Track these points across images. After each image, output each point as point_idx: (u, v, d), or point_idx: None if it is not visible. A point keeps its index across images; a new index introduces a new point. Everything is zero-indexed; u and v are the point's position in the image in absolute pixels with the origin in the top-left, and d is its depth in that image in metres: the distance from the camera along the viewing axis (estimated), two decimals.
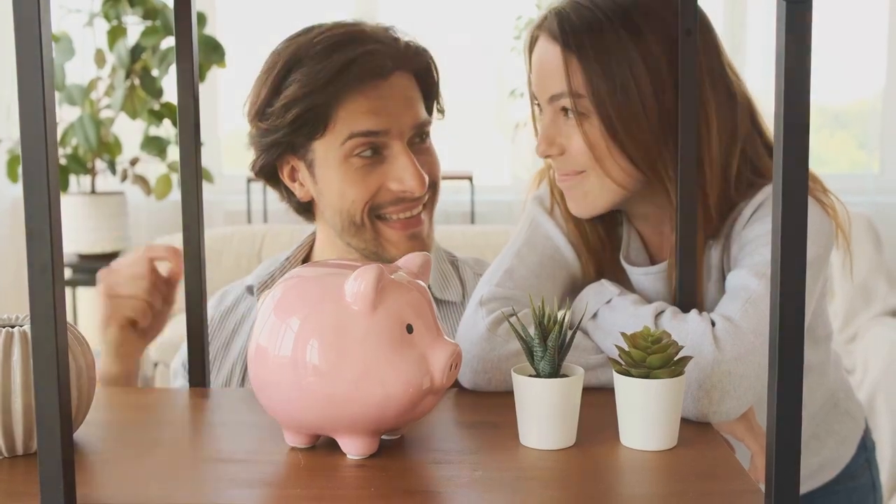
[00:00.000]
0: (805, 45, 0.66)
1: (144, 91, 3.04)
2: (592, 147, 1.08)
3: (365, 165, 1.19)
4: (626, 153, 1.08)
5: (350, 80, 1.16)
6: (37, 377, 0.68)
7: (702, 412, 0.94)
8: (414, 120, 1.21)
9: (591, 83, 1.07)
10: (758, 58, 3.52)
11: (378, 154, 1.20)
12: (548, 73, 1.10)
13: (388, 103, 1.19)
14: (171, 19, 2.99)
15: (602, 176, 1.09)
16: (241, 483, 0.78)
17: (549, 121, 1.12)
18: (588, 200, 1.12)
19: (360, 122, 1.18)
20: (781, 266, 0.67)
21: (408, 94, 1.22)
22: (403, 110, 1.20)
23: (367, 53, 1.18)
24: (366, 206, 1.20)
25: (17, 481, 0.78)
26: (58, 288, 0.67)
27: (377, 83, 1.19)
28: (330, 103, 1.17)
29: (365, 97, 1.18)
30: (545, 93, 1.11)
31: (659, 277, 1.13)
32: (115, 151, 3.16)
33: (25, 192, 0.66)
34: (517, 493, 0.76)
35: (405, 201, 1.20)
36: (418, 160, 1.21)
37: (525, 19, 3.53)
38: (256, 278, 1.32)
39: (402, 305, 0.81)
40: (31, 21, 0.65)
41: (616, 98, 1.06)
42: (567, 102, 1.09)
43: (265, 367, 0.82)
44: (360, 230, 1.22)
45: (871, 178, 3.54)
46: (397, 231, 1.22)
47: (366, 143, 1.18)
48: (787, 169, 0.67)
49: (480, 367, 1.01)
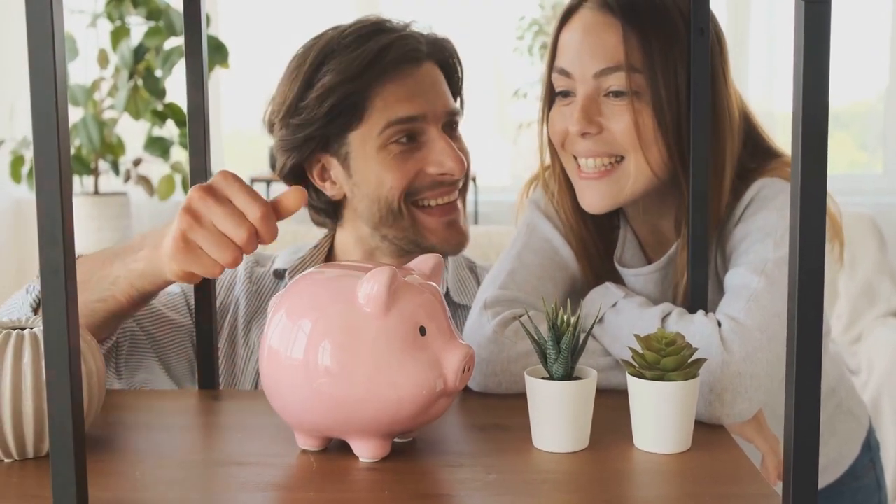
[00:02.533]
0: (824, 45, 0.65)
1: (147, 91, 3.04)
2: (641, 129, 1.05)
3: (403, 152, 1.21)
4: (667, 140, 1.06)
5: (386, 66, 1.19)
6: (49, 380, 0.67)
7: (714, 415, 0.93)
8: (446, 106, 1.24)
9: (651, 59, 1.04)
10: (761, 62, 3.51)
11: (414, 140, 1.22)
12: (598, 46, 1.07)
13: (423, 88, 1.22)
14: (174, 20, 2.99)
15: (641, 162, 1.07)
16: (253, 486, 0.78)
17: (589, 98, 1.08)
18: (618, 192, 1.09)
19: (397, 108, 1.20)
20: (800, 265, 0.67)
21: (438, 81, 1.24)
22: (437, 96, 1.23)
23: (401, 38, 1.21)
24: (403, 192, 1.21)
25: (28, 484, 0.78)
26: (70, 290, 0.66)
27: (411, 70, 1.21)
28: (366, 91, 1.20)
29: (400, 83, 1.20)
30: (592, 66, 1.07)
31: (650, 279, 1.13)
32: (119, 152, 3.15)
33: (38, 195, 0.66)
34: (531, 496, 0.76)
35: (443, 185, 1.22)
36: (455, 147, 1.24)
37: (528, 20, 3.53)
38: (287, 263, 1.32)
39: (415, 307, 0.80)
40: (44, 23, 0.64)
41: (669, 78, 1.04)
42: (620, 78, 1.05)
43: (277, 369, 0.81)
44: (397, 219, 1.23)
45: (874, 178, 3.53)
46: (435, 218, 1.23)
47: (403, 130, 1.21)
48: (806, 166, 0.66)
49: (489, 370, 1.01)
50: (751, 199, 1.07)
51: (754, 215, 1.05)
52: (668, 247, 1.14)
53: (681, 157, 1.07)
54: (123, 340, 1.17)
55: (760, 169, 1.10)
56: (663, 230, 1.17)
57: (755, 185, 1.08)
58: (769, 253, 1.00)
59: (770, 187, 1.07)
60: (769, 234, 1.02)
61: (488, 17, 3.68)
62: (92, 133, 3.01)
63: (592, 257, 1.17)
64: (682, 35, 1.05)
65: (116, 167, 3.18)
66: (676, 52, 1.05)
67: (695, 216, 1.03)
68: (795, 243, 0.67)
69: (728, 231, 1.09)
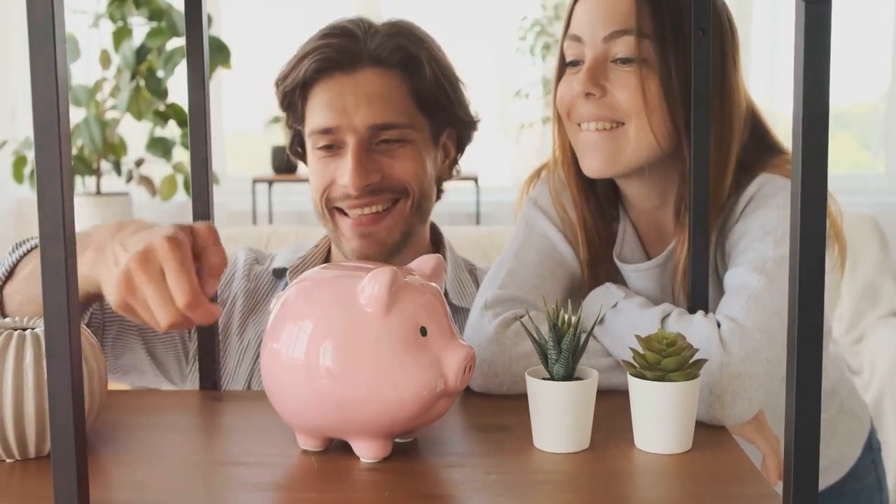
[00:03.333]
0: (824, 45, 0.65)
1: (149, 92, 3.04)
2: (646, 94, 1.05)
3: (324, 158, 1.24)
4: (672, 109, 1.06)
5: (311, 73, 1.21)
6: (50, 380, 0.68)
7: (715, 416, 0.93)
8: (371, 119, 1.20)
9: (662, 27, 1.05)
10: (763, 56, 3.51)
11: (335, 149, 1.23)
12: (610, 10, 1.07)
13: (345, 100, 1.21)
14: (176, 20, 2.99)
15: (644, 128, 1.07)
16: (254, 486, 0.78)
17: (597, 60, 1.08)
18: (617, 156, 1.09)
19: (317, 117, 1.23)
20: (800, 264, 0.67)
21: (374, 91, 1.21)
22: (361, 108, 1.20)
23: (326, 47, 1.21)
24: (322, 198, 1.25)
25: (30, 484, 0.78)
26: (71, 290, 0.67)
27: (340, 78, 1.21)
28: (300, 94, 1.24)
29: (325, 91, 1.22)
30: (603, 29, 1.07)
31: (649, 274, 1.13)
32: (121, 152, 3.16)
33: (39, 195, 0.66)
34: (532, 496, 0.76)
35: (350, 198, 1.22)
36: (382, 162, 1.22)
37: (530, 20, 3.53)
38: (287, 262, 1.32)
39: (416, 308, 0.80)
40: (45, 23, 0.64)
41: (678, 47, 1.05)
42: (628, 44, 1.06)
43: (278, 369, 0.81)
44: (324, 220, 1.27)
45: (877, 178, 3.53)
46: (350, 227, 1.24)
47: (322, 138, 1.23)
48: (807, 165, 0.66)
49: (490, 371, 1.01)
50: (751, 197, 1.07)
51: (754, 213, 1.05)
52: (667, 242, 1.14)
53: (686, 129, 1.06)
54: (112, 323, 1.18)
55: (763, 163, 1.10)
56: (663, 224, 1.17)
57: (756, 182, 1.08)
58: (769, 251, 1.00)
59: (771, 185, 1.07)
60: (769, 232, 1.02)
61: (490, 18, 3.69)
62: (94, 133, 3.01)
63: (592, 252, 1.16)
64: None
65: (118, 167, 3.18)
66: (687, 27, 1.04)
67: (696, 212, 1.03)
68: (796, 243, 0.67)
69: (728, 228, 1.08)
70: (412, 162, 1.23)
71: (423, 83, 1.23)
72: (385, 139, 1.22)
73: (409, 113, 1.23)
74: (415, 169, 1.23)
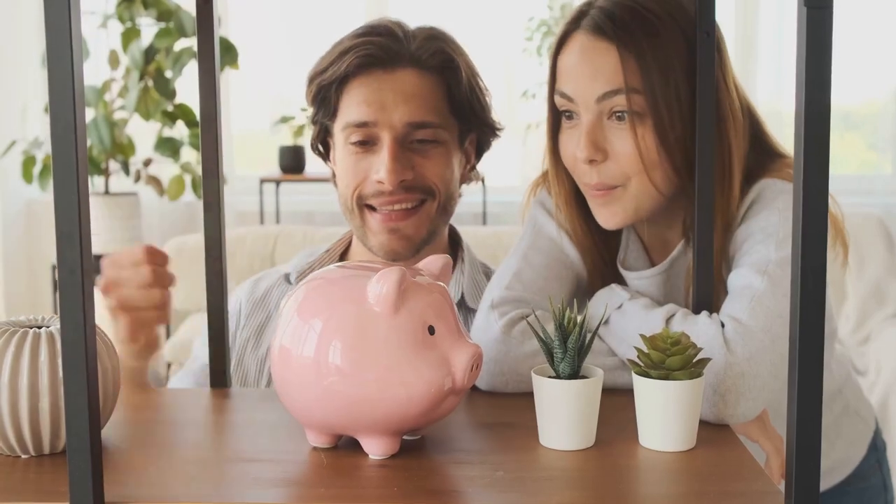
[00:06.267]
0: (826, 49, 0.66)
1: (158, 92, 3.06)
2: (644, 152, 1.05)
3: (357, 153, 1.24)
4: (672, 159, 1.05)
5: (352, 68, 1.22)
6: (66, 377, 0.69)
7: (718, 416, 0.94)
8: (409, 117, 1.22)
9: (648, 80, 1.03)
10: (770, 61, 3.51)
11: (369, 145, 1.24)
12: (596, 70, 1.06)
13: (383, 96, 1.22)
14: (184, 21, 3.00)
15: (646, 183, 1.06)
16: (265, 482, 0.79)
17: (593, 125, 1.07)
18: (626, 213, 1.09)
19: (354, 112, 1.23)
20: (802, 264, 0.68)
21: (412, 91, 1.23)
22: (399, 105, 1.22)
23: (369, 44, 1.22)
24: (354, 194, 1.25)
25: (45, 480, 0.79)
26: (87, 289, 0.68)
27: (379, 74, 1.23)
28: (337, 88, 1.24)
29: (363, 86, 1.23)
30: (592, 93, 1.06)
31: (652, 282, 1.14)
32: (129, 152, 3.17)
33: (56, 195, 0.67)
34: (538, 493, 0.77)
35: (383, 195, 1.23)
36: (414, 161, 1.23)
37: (537, 20, 3.54)
38: (295, 268, 1.35)
39: (424, 307, 0.81)
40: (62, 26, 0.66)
41: (670, 97, 1.04)
42: (621, 101, 1.04)
43: (288, 367, 0.83)
44: (352, 215, 1.28)
45: (884, 179, 3.53)
46: (379, 221, 1.25)
47: (358, 133, 1.23)
48: (808, 168, 0.67)
49: (497, 370, 1.02)
50: (753, 200, 1.08)
51: (756, 216, 1.06)
52: (670, 250, 1.15)
53: (688, 171, 1.07)
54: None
55: (764, 169, 1.11)
56: (667, 235, 1.18)
57: (757, 186, 1.08)
58: (771, 253, 1.01)
59: (772, 188, 1.07)
60: (771, 234, 1.03)
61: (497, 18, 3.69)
62: (103, 133, 3.03)
63: (597, 258, 1.17)
64: (681, 48, 1.04)
65: (127, 167, 3.20)
66: (676, 68, 1.04)
67: (701, 220, 1.04)
68: (798, 243, 0.68)
69: (731, 232, 1.09)
70: (442, 163, 1.26)
71: (459, 87, 1.25)
72: (419, 139, 1.24)
73: (443, 114, 1.25)
74: (443, 171, 1.26)
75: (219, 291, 1.10)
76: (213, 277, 1.10)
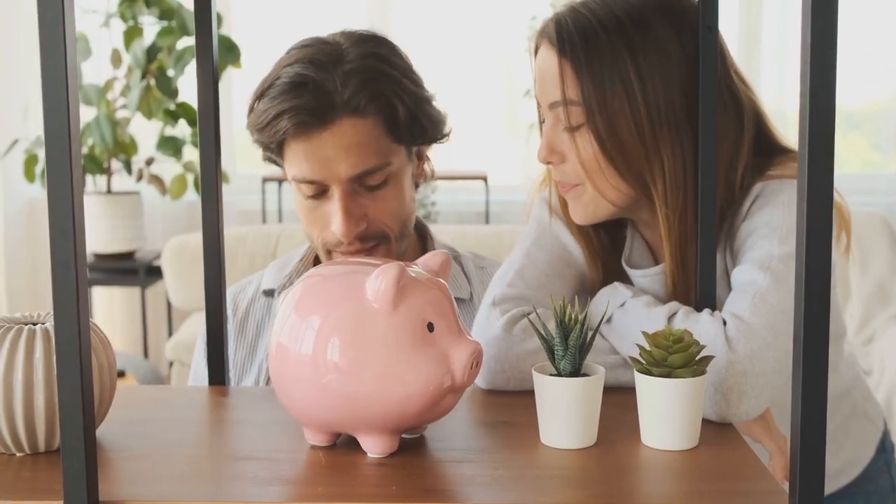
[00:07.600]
0: (831, 40, 0.65)
1: (160, 91, 3.05)
2: (585, 162, 1.06)
3: (311, 202, 1.23)
4: (615, 167, 1.06)
5: (287, 134, 1.19)
6: (60, 374, 0.68)
7: (721, 414, 0.93)
8: (353, 170, 1.19)
9: (583, 92, 1.04)
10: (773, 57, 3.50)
11: (321, 195, 1.22)
12: (548, 79, 1.09)
13: (325, 153, 1.19)
14: (187, 20, 3.00)
15: (595, 191, 1.08)
16: (262, 481, 0.79)
17: (550, 128, 1.10)
18: (587, 211, 1.11)
19: (297, 168, 1.21)
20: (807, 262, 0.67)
21: (351, 141, 1.18)
22: (342, 160, 1.18)
23: (299, 108, 1.17)
24: (318, 240, 1.24)
25: (39, 478, 0.79)
26: (81, 285, 0.67)
27: (314, 133, 1.18)
28: (275, 144, 1.22)
29: (302, 143, 1.20)
30: (545, 100, 1.10)
31: (656, 280, 1.13)
32: (131, 151, 3.17)
33: (49, 191, 0.67)
34: (538, 491, 0.76)
35: (342, 244, 1.21)
36: (367, 205, 1.21)
37: (539, 20, 3.53)
38: (275, 282, 1.34)
39: (423, 304, 0.81)
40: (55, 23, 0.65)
41: (606, 109, 1.04)
42: (562, 111, 1.07)
43: (286, 365, 0.82)
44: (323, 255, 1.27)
45: (887, 178, 3.52)
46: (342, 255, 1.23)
47: (308, 188, 1.22)
48: (813, 164, 0.67)
49: (498, 367, 1.02)
50: (756, 196, 1.07)
51: (760, 211, 1.06)
52: None
53: (640, 182, 1.06)
54: None
55: (768, 163, 1.10)
56: None
57: (761, 182, 1.08)
58: (774, 249, 1.00)
59: (776, 183, 1.07)
60: (774, 230, 1.02)
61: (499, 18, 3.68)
62: (105, 132, 3.02)
63: (601, 256, 1.17)
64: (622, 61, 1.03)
65: (129, 166, 3.19)
66: (618, 80, 1.03)
67: (704, 215, 1.03)
68: (802, 240, 0.67)
69: (735, 228, 1.09)
70: (396, 198, 1.23)
71: (399, 121, 1.21)
72: (369, 185, 1.21)
73: (388, 149, 1.21)
74: (398, 207, 1.23)
75: (217, 290, 1.09)
76: (211, 276, 1.09)
